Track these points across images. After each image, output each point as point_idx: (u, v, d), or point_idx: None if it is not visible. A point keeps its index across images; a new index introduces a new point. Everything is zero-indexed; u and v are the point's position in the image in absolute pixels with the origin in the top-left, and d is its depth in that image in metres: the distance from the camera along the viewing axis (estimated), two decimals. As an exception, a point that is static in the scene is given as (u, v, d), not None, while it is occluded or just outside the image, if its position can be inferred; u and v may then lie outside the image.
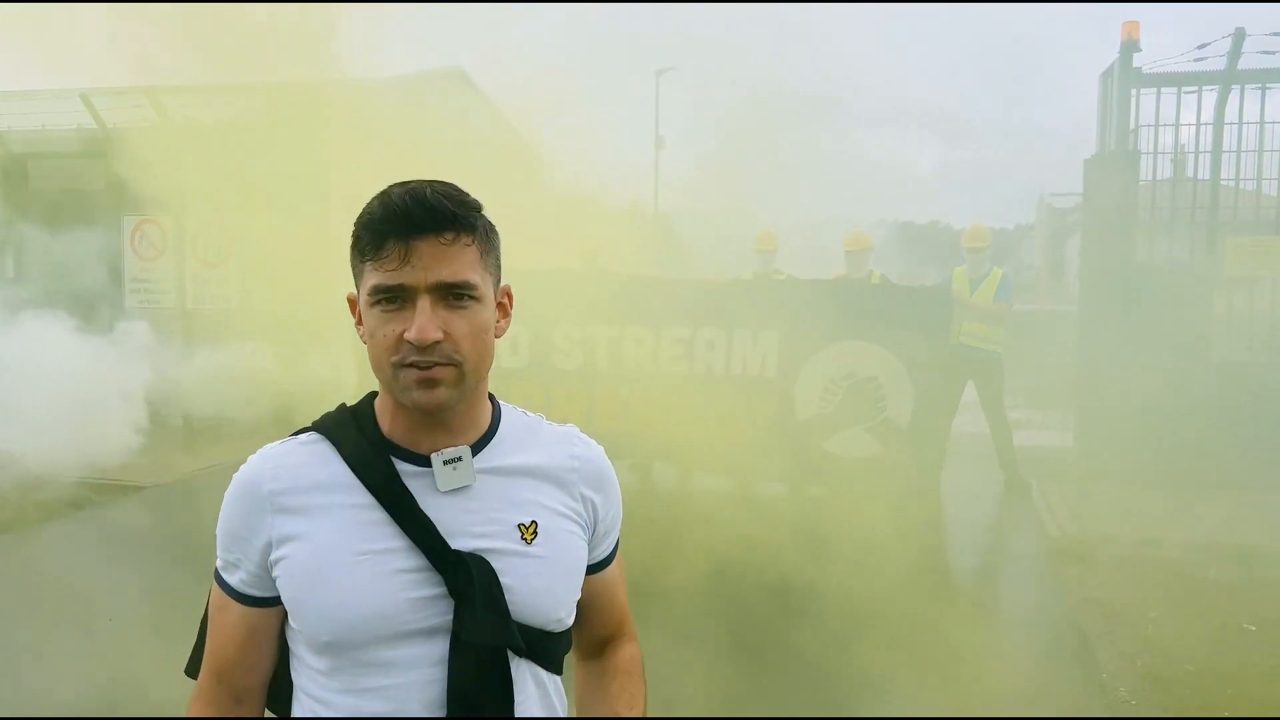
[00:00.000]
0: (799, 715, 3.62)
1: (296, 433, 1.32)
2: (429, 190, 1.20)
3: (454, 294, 1.19)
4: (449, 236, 1.18)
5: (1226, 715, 3.59)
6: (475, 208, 1.23)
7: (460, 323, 1.19)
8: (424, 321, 1.16)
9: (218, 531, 1.29)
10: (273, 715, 1.34)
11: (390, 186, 1.22)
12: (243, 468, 1.29)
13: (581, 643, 1.44)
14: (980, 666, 4.32)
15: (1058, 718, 3.66)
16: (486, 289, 1.23)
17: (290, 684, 1.31)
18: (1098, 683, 4.04)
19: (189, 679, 1.36)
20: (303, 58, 6.90)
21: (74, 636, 4.46)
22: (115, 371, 7.52)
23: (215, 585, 1.31)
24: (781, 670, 4.15)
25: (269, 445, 1.30)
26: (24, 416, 6.54)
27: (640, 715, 1.38)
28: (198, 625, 1.38)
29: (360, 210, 1.23)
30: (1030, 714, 3.80)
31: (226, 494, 1.28)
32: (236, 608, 1.28)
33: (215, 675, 1.30)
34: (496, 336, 1.27)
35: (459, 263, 1.19)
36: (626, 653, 1.45)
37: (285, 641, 1.31)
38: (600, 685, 1.42)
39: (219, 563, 1.30)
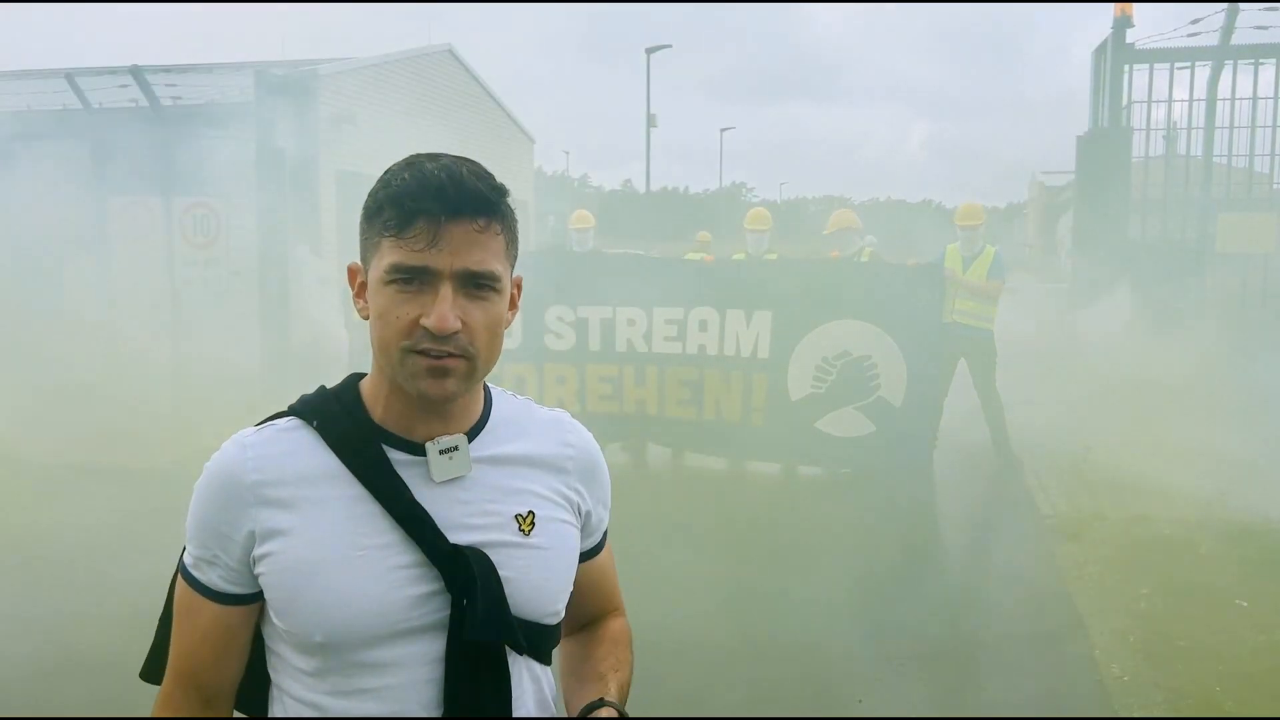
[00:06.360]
0: (799, 715, 3.63)
1: (271, 418, 1.22)
2: (465, 169, 1.12)
3: (477, 283, 1.12)
4: (481, 223, 1.11)
5: (1225, 713, 3.60)
6: (505, 192, 1.16)
7: (479, 313, 1.13)
8: (445, 310, 1.09)
9: (189, 526, 1.19)
10: (241, 715, 1.26)
11: (417, 157, 1.14)
12: (216, 456, 1.19)
13: (568, 623, 1.37)
14: (972, 644, 4.34)
15: (1056, 717, 3.65)
16: (506, 281, 1.17)
17: (259, 681, 1.24)
18: (1090, 659, 4.05)
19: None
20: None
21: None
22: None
23: (182, 584, 1.21)
24: (772, 656, 4.16)
25: (243, 432, 1.21)
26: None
27: (626, 680, 1.32)
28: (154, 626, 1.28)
29: (380, 178, 1.14)
30: (1023, 696, 3.81)
31: (198, 485, 1.19)
32: (211, 607, 1.19)
33: (185, 678, 1.22)
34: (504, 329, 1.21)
35: (487, 251, 1.12)
36: (615, 624, 1.41)
37: (256, 637, 1.23)
38: (585, 653, 1.36)
39: (188, 560, 1.20)
